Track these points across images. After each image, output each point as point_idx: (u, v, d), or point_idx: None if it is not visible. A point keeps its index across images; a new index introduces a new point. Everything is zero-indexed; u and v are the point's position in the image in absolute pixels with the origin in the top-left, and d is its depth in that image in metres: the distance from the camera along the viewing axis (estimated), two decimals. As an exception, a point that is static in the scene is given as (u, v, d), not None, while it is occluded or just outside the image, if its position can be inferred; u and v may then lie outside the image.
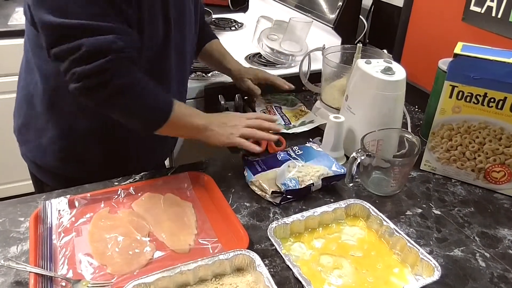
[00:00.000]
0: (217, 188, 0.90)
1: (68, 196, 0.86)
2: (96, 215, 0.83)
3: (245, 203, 0.89)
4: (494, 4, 1.04)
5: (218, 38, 1.28)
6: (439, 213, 0.90)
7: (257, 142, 0.94)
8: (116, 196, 0.87)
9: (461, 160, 0.98)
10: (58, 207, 0.83)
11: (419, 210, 0.90)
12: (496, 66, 0.87)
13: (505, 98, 0.88)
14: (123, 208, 0.85)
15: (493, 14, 1.04)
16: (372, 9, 1.52)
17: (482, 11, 1.07)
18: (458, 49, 0.92)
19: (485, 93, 0.90)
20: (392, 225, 0.79)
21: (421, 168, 1.03)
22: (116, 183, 0.92)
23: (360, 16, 1.47)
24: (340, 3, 1.41)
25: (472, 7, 1.10)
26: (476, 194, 0.96)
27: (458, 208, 0.91)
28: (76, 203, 0.84)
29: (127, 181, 0.93)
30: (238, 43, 1.70)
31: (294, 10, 1.65)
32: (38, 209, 0.82)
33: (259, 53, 1.54)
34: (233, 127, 0.93)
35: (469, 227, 0.86)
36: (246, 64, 1.49)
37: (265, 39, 1.51)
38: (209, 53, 1.24)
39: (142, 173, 0.96)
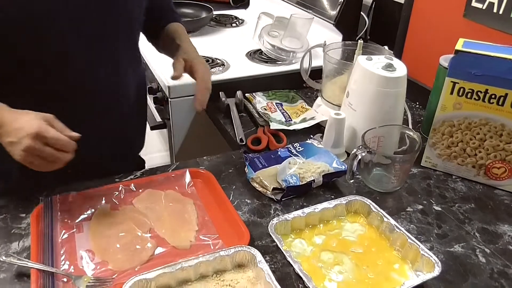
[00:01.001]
0: (218, 185, 0.90)
1: (70, 192, 0.86)
2: (97, 212, 0.83)
3: (246, 200, 0.89)
4: (495, 0, 1.03)
5: (182, 24, 1.08)
6: (439, 209, 0.90)
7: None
8: (117, 193, 0.87)
9: (461, 157, 0.98)
10: (59, 203, 0.83)
11: (420, 207, 0.90)
12: (497, 62, 0.87)
13: (506, 94, 0.88)
14: (124, 205, 0.86)
15: (495, 10, 1.04)
16: (373, 6, 1.51)
17: (484, 7, 1.07)
18: (459, 46, 0.92)
19: (486, 90, 0.90)
20: (392, 222, 0.79)
21: (421, 164, 1.03)
22: (117, 180, 0.92)
23: (361, 13, 1.47)
24: (341, 0, 1.40)
25: (474, 3, 1.09)
26: (477, 190, 0.96)
27: (458, 204, 0.91)
28: (77, 199, 0.85)
29: (128, 178, 0.93)
30: (239, 40, 1.70)
31: (295, 6, 1.65)
32: (40, 205, 0.82)
33: (260, 49, 1.54)
34: (14, 143, 0.69)
35: (469, 223, 0.86)
36: (247, 61, 1.49)
37: (266, 36, 1.51)
38: (164, 34, 1.01)
39: (143, 170, 0.96)
